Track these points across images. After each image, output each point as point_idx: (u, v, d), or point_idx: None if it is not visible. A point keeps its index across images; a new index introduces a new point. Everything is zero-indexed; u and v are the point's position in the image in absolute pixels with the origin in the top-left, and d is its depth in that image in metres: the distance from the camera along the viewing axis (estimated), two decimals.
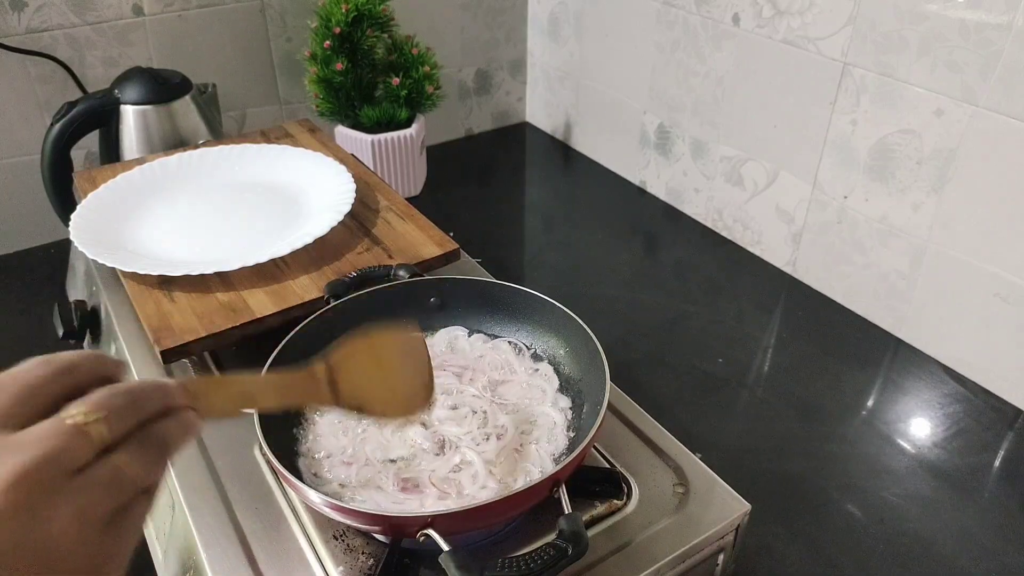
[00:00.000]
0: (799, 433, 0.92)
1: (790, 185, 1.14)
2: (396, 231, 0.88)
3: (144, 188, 0.93)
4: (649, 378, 0.99)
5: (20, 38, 1.13)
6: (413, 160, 1.34)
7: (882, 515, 0.81)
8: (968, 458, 0.88)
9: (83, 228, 0.84)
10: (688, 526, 0.60)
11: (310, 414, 0.65)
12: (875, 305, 1.08)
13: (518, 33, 1.57)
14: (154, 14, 1.21)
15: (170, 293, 0.77)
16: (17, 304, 1.14)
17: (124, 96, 1.08)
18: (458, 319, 0.73)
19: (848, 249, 1.08)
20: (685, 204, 1.34)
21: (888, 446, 0.89)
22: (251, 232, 0.86)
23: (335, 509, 0.53)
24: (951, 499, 0.83)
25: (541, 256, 1.26)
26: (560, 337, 0.69)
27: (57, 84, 1.18)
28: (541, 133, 1.65)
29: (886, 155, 1.00)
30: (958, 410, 0.94)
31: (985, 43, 0.86)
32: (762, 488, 0.84)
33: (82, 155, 1.22)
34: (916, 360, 1.02)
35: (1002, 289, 0.92)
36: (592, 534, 0.59)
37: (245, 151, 1.00)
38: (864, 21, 0.97)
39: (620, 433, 0.69)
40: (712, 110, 1.23)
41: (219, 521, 0.61)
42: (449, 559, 0.49)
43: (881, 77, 0.97)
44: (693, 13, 1.20)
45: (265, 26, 1.31)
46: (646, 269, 1.23)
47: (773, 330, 1.08)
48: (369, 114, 1.27)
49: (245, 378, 0.44)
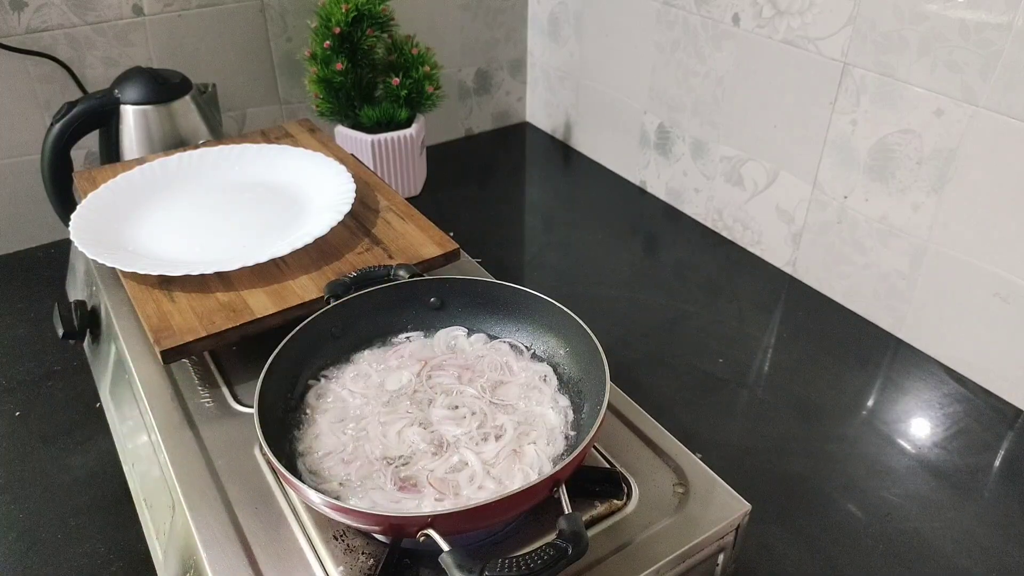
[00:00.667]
0: (799, 433, 0.92)
1: (790, 185, 1.14)
2: (396, 231, 0.88)
3: (144, 188, 0.93)
4: (649, 378, 0.99)
5: (20, 38, 1.13)
6: (413, 160, 1.34)
7: (882, 515, 0.81)
8: (968, 458, 0.88)
9: (83, 228, 0.84)
10: (688, 526, 0.60)
11: (310, 413, 0.65)
12: (875, 305, 1.08)
13: (518, 33, 1.57)
14: (154, 14, 1.21)
15: (170, 293, 0.77)
16: (17, 304, 1.14)
17: (124, 96, 1.08)
18: (458, 319, 0.73)
19: (848, 249, 1.08)
20: (685, 204, 1.34)
21: (888, 446, 0.89)
22: (251, 232, 0.86)
23: (335, 509, 0.53)
24: (951, 499, 0.83)
25: (541, 256, 1.26)
26: (560, 337, 0.69)
27: (57, 84, 1.18)
28: (541, 133, 1.65)
29: (886, 155, 1.00)
30: (958, 410, 0.94)
31: (985, 43, 0.86)
32: (762, 488, 0.84)
33: (82, 155, 1.22)
34: (916, 360, 1.02)
35: (1002, 289, 0.92)
36: (592, 534, 0.59)
37: (245, 151, 1.00)
38: (864, 21, 0.97)
39: (620, 433, 0.69)
40: (712, 110, 1.23)
41: (219, 521, 0.61)
42: (449, 559, 0.49)
43: (881, 77, 0.97)
44: (693, 13, 1.20)
45: (265, 26, 1.31)
46: (646, 269, 1.23)
47: (773, 330, 1.08)
48: (369, 114, 1.27)
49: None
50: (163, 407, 0.71)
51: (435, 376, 0.68)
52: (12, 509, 0.82)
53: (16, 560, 0.77)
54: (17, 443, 0.90)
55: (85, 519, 0.81)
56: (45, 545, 0.78)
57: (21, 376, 1.00)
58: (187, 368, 0.75)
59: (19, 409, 0.95)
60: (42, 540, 0.79)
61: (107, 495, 0.83)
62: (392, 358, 0.70)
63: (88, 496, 0.84)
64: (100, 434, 0.89)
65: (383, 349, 0.71)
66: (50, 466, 0.87)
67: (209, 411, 0.71)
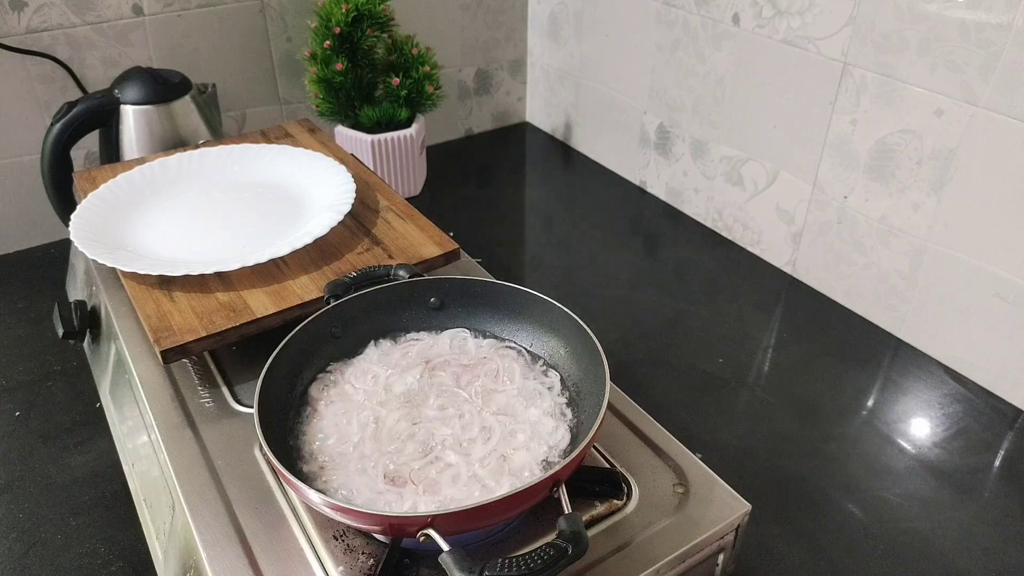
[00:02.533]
0: (799, 433, 0.92)
1: (790, 185, 1.14)
2: (396, 231, 0.88)
3: (144, 188, 0.93)
4: (649, 378, 0.99)
5: (20, 38, 1.13)
6: (413, 160, 1.34)
7: (882, 515, 0.81)
8: (968, 458, 0.88)
9: (83, 228, 0.84)
10: (688, 526, 0.60)
11: (311, 413, 0.65)
12: (875, 305, 1.08)
13: (518, 33, 1.57)
14: (154, 14, 1.21)
15: (170, 293, 0.77)
16: (17, 304, 1.14)
17: (124, 96, 1.08)
18: (458, 319, 0.73)
19: (848, 249, 1.08)
20: (685, 204, 1.34)
21: (888, 446, 0.89)
22: (251, 232, 0.86)
23: (335, 509, 0.53)
24: (951, 499, 0.83)
25: (541, 256, 1.26)
26: (560, 337, 0.69)
27: (57, 84, 1.18)
28: (541, 133, 1.65)
29: (886, 155, 1.00)
30: (958, 410, 0.94)
31: (985, 43, 0.86)
32: (762, 488, 0.84)
33: (82, 155, 1.22)
34: (916, 360, 1.02)
35: (1002, 289, 0.92)
36: (592, 534, 0.59)
37: (245, 151, 1.00)
38: (864, 21, 0.97)
39: (620, 433, 0.69)
40: (712, 110, 1.23)
41: (219, 521, 0.61)
42: (449, 559, 0.49)
43: (881, 77, 0.97)
44: (693, 13, 1.20)
45: (265, 26, 1.31)
46: (646, 269, 1.23)
47: (773, 330, 1.08)
48: (369, 114, 1.27)
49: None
50: (163, 407, 0.71)
51: (435, 377, 0.68)
52: (12, 509, 0.82)
53: (16, 560, 0.77)
54: (17, 443, 0.90)
55: (85, 519, 0.81)
56: (45, 545, 0.78)
57: (21, 376, 1.00)
58: (187, 368, 0.76)
59: (19, 409, 0.95)
60: (42, 540, 0.79)
61: (107, 495, 0.83)
62: (395, 358, 0.70)
63: (88, 496, 0.84)
64: (100, 434, 0.89)
65: (385, 349, 0.71)
66: (50, 466, 0.87)
67: (209, 411, 0.71)
